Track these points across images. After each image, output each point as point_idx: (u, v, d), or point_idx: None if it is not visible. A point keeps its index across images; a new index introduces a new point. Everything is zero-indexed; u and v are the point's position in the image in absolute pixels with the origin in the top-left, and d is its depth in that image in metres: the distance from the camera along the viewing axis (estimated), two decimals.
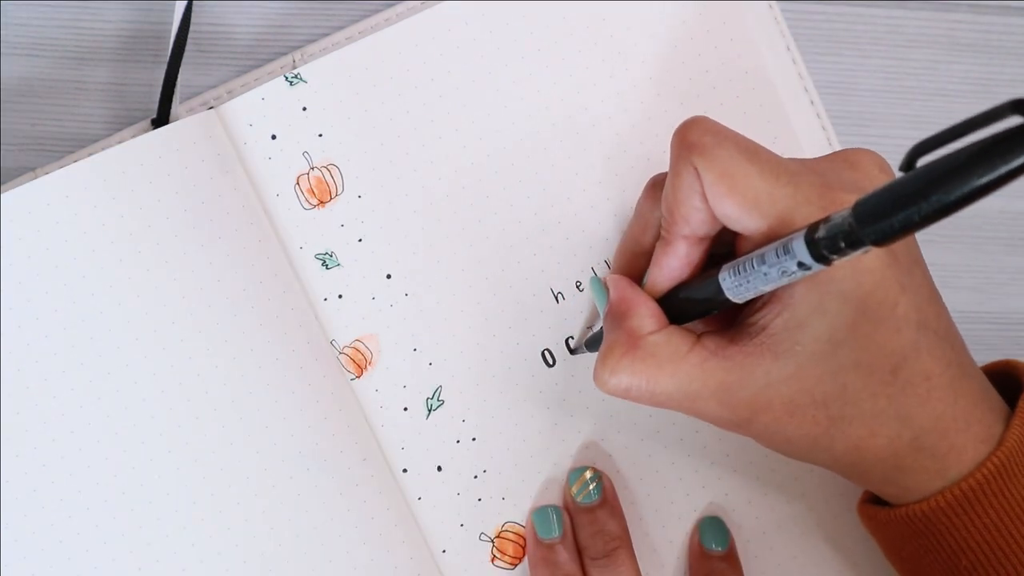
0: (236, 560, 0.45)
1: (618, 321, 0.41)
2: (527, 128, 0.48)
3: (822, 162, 0.40)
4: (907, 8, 0.52)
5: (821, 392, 0.38)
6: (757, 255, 0.37)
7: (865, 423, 0.39)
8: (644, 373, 0.40)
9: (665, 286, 0.41)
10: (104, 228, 0.45)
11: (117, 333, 0.45)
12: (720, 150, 0.39)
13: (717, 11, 0.49)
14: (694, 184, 0.39)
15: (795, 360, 0.38)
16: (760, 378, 0.39)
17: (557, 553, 0.46)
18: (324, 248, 0.47)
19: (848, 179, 0.39)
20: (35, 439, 0.44)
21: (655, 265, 0.42)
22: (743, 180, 0.38)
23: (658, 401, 0.40)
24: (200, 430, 0.45)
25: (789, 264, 0.35)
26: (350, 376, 0.47)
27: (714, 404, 0.39)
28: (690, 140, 0.39)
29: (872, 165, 0.40)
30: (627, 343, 0.40)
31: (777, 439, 0.40)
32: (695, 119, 0.40)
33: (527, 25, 0.48)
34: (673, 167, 0.40)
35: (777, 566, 0.48)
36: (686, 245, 0.41)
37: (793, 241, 0.35)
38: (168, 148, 0.46)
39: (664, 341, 0.40)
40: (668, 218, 0.40)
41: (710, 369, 0.39)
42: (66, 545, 0.44)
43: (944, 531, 0.40)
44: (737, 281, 0.38)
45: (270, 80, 0.47)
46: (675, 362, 0.40)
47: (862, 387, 0.38)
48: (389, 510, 0.46)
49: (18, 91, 0.49)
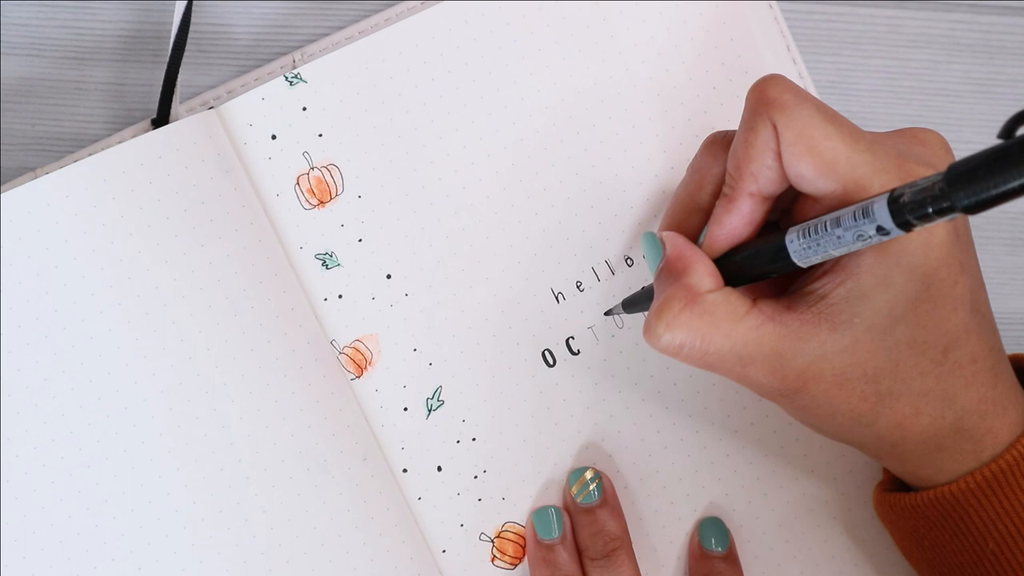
0: (236, 560, 0.45)
1: (675, 277, 0.40)
2: (528, 128, 0.48)
3: (892, 136, 0.40)
4: (907, 8, 0.52)
5: (873, 367, 0.38)
6: (831, 217, 0.36)
7: (912, 401, 0.39)
8: (700, 331, 0.39)
9: (725, 245, 0.41)
10: (104, 228, 0.45)
11: (117, 333, 0.45)
12: (801, 109, 0.38)
13: (717, 11, 0.49)
14: (770, 141, 0.38)
15: (852, 333, 0.38)
16: (815, 348, 0.38)
17: (557, 553, 0.46)
18: (324, 248, 0.47)
19: (919, 154, 0.39)
20: (35, 439, 0.44)
21: (715, 223, 0.41)
22: (823, 141, 0.38)
23: (709, 362, 0.40)
24: (200, 430, 0.45)
25: (867, 228, 0.35)
26: (350, 376, 0.47)
27: (765, 370, 0.39)
28: (770, 96, 0.39)
29: (938, 144, 0.40)
30: (686, 298, 0.39)
31: (822, 412, 0.40)
32: (774, 76, 0.39)
33: (527, 25, 0.48)
34: (748, 122, 0.39)
35: (777, 566, 0.48)
36: (751, 203, 0.40)
37: (875, 204, 0.34)
38: (168, 148, 0.46)
39: (723, 300, 0.39)
40: (735, 174, 0.40)
41: (766, 334, 0.39)
42: (66, 545, 0.44)
43: (972, 513, 0.40)
44: (806, 243, 0.37)
45: (270, 80, 0.47)
46: (732, 323, 0.39)
47: (913, 365, 0.38)
48: (389, 510, 0.46)
49: (18, 91, 0.49)
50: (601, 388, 0.48)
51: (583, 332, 0.48)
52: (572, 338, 0.48)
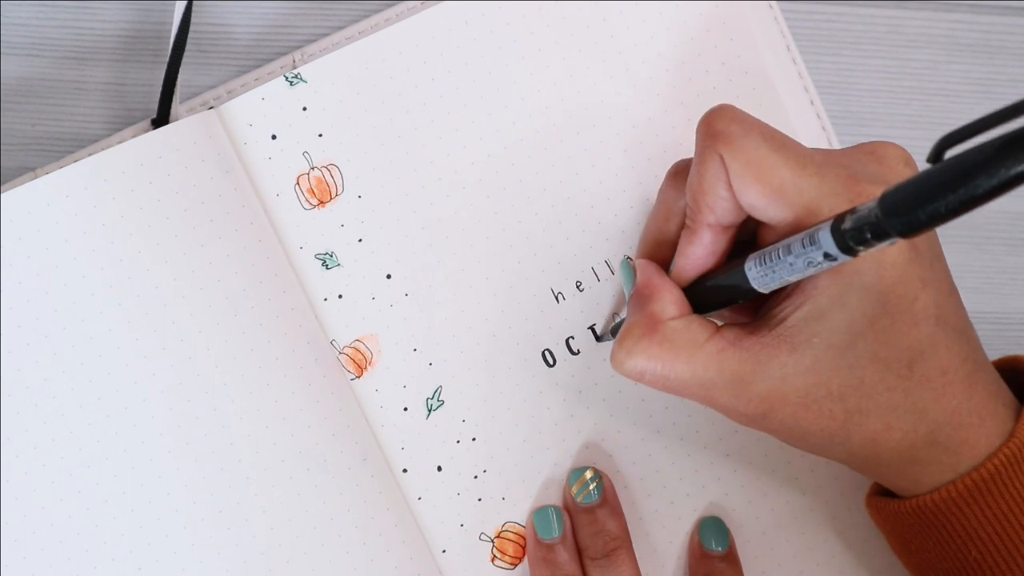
0: (236, 560, 0.45)
1: (641, 304, 0.41)
2: (528, 128, 0.48)
3: (847, 154, 0.40)
4: (907, 8, 0.52)
5: (838, 385, 0.38)
6: (783, 245, 0.37)
7: (881, 416, 0.39)
8: (660, 358, 0.40)
9: (691, 274, 0.41)
10: (104, 228, 0.45)
11: (117, 333, 0.45)
12: (747, 139, 0.38)
13: (717, 11, 0.49)
14: (719, 173, 0.39)
15: (812, 353, 0.38)
16: (776, 370, 0.39)
17: (557, 553, 0.46)
18: (324, 248, 0.47)
19: (873, 171, 0.39)
20: (35, 439, 0.44)
21: (680, 254, 0.41)
22: (769, 170, 0.38)
23: (672, 388, 0.40)
24: (200, 430, 0.45)
25: (815, 254, 0.35)
26: (350, 376, 0.47)
27: (728, 395, 0.39)
28: (716, 128, 0.39)
29: (897, 159, 0.40)
30: (646, 326, 0.40)
31: (794, 433, 0.40)
32: (721, 107, 0.40)
33: (527, 25, 0.48)
34: (698, 155, 0.40)
35: (777, 566, 0.48)
36: (711, 233, 0.40)
37: (819, 232, 0.35)
38: (168, 148, 0.46)
39: (683, 328, 0.40)
40: (693, 206, 0.40)
41: (726, 359, 0.39)
42: (66, 545, 0.44)
43: (954, 522, 0.40)
44: (763, 271, 0.38)
45: (270, 80, 0.47)
46: (691, 349, 0.39)
47: (879, 380, 0.38)
48: (389, 510, 0.46)
49: (18, 91, 0.49)
50: (601, 388, 0.48)
51: (583, 332, 0.48)
52: (572, 338, 0.48)
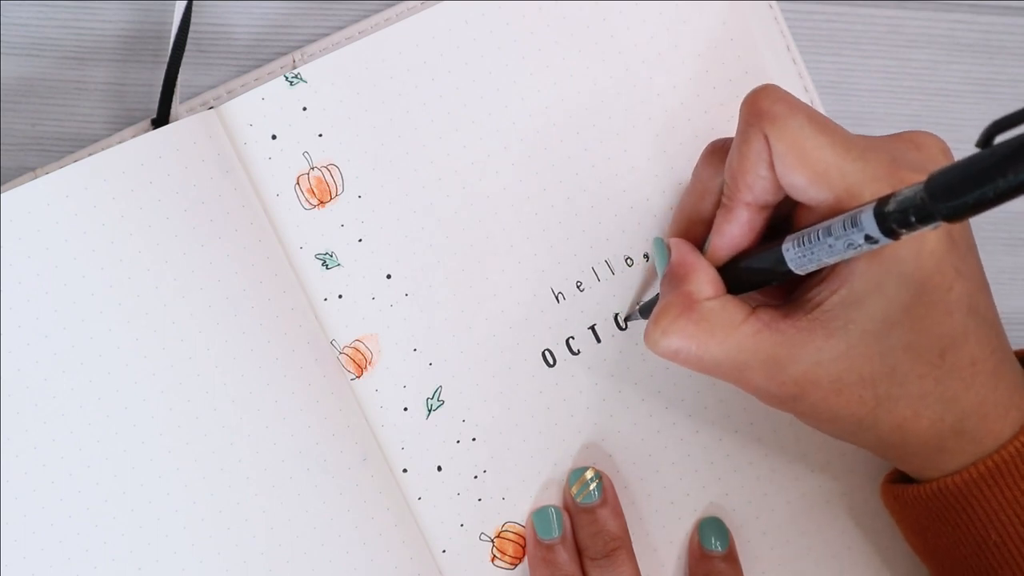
0: (236, 560, 0.45)
1: (676, 284, 0.41)
2: (527, 128, 0.48)
3: (887, 140, 0.40)
4: (907, 8, 0.52)
5: (869, 371, 0.39)
6: (823, 227, 0.37)
7: (911, 404, 0.39)
8: (696, 338, 0.40)
9: (726, 253, 0.41)
10: (104, 228, 0.45)
11: (117, 333, 0.45)
12: (792, 120, 0.38)
13: (717, 11, 0.49)
14: (762, 152, 0.39)
15: (847, 339, 0.38)
16: (811, 355, 0.39)
17: (557, 553, 0.46)
18: (324, 248, 0.47)
19: (914, 159, 0.39)
20: (35, 439, 0.44)
21: (716, 232, 0.41)
22: (814, 152, 0.38)
23: (705, 367, 0.40)
24: (200, 430, 0.45)
25: (856, 237, 0.35)
26: (350, 376, 0.47)
27: (762, 377, 0.40)
28: (761, 108, 0.39)
29: (936, 148, 0.40)
30: (682, 305, 0.40)
31: (823, 417, 0.40)
32: (766, 87, 0.40)
33: (527, 25, 0.48)
34: (741, 134, 0.40)
35: (777, 566, 0.48)
36: (748, 213, 0.40)
37: (862, 214, 0.35)
38: (168, 148, 0.46)
39: (719, 308, 0.40)
40: (731, 185, 0.40)
41: (761, 341, 0.39)
42: (66, 545, 0.44)
43: (974, 504, 0.40)
44: (800, 252, 0.38)
45: (270, 80, 0.47)
46: (727, 330, 0.40)
47: (910, 368, 0.39)
48: (389, 510, 0.46)
49: (18, 91, 0.49)
50: (601, 388, 0.48)
51: (583, 332, 0.48)
52: (572, 338, 0.48)
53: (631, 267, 0.48)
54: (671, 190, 0.49)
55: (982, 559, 0.41)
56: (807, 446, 0.48)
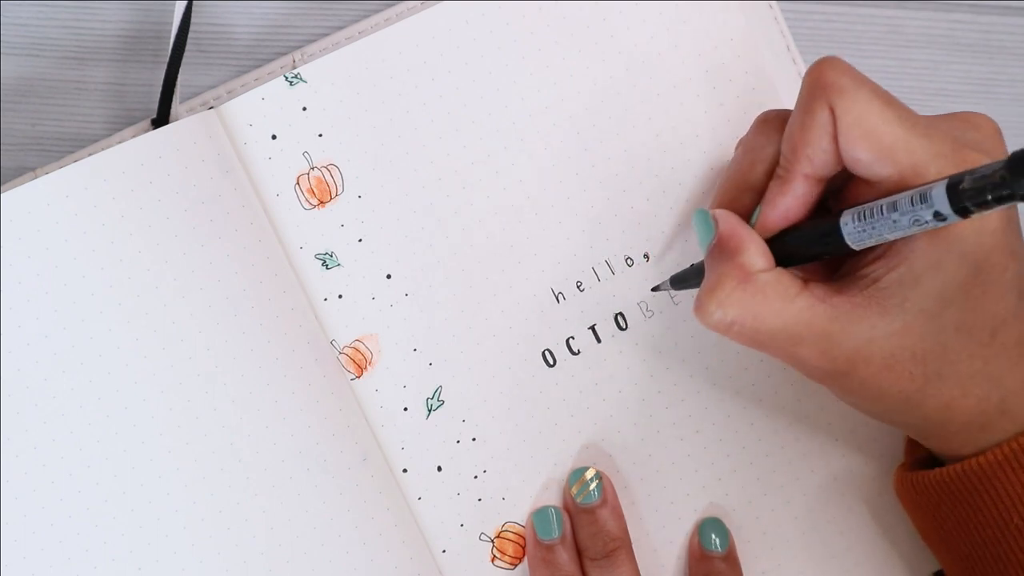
0: (236, 560, 0.45)
1: (728, 255, 0.40)
2: (527, 128, 0.48)
3: (945, 120, 0.40)
4: (907, 8, 0.52)
5: (922, 349, 0.39)
6: (887, 202, 0.37)
7: (959, 382, 0.39)
8: (752, 310, 0.39)
9: (777, 225, 0.41)
10: (104, 228, 0.45)
11: (117, 333, 0.45)
12: (859, 93, 0.38)
13: (717, 11, 0.49)
14: (827, 124, 0.39)
15: (902, 316, 0.38)
16: (865, 331, 0.39)
17: (557, 554, 0.46)
18: (324, 248, 0.47)
19: (973, 139, 0.39)
20: (35, 439, 0.44)
21: (769, 203, 0.41)
22: (881, 126, 0.38)
23: (759, 340, 0.40)
24: (200, 430, 0.45)
25: (924, 213, 0.35)
26: (350, 376, 0.47)
27: (814, 352, 0.39)
28: (828, 80, 0.39)
29: (991, 129, 0.40)
30: (739, 277, 0.40)
31: (870, 395, 0.40)
32: (831, 59, 0.40)
33: (527, 25, 0.48)
34: (805, 105, 0.39)
35: (777, 566, 0.48)
36: (805, 185, 0.40)
37: (932, 190, 0.35)
38: (168, 148, 0.46)
39: (775, 280, 0.40)
40: (790, 155, 0.40)
41: (817, 315, 0.39)
42: (66, 545, 0.44)
43: (999, 486, 0.40)
44: (861, 227, 0.38)
45: (270, 80, 0.47)
46: (784, 302, 0.39)
47: (962, 347, 0.39)
48: (389, 510, 0.46)
49: (18, 91, 0.49)
50: (601, 388, 0.48)
51: (583, 332, 0.48)
52: (572, 338, 0.48)
53: (631, 267, 0.48)
54: (671, 190, 0.49)
55: (1002, 544, 0.41)
56: (808, 446, 0.48)
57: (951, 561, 0.44)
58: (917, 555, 0.48)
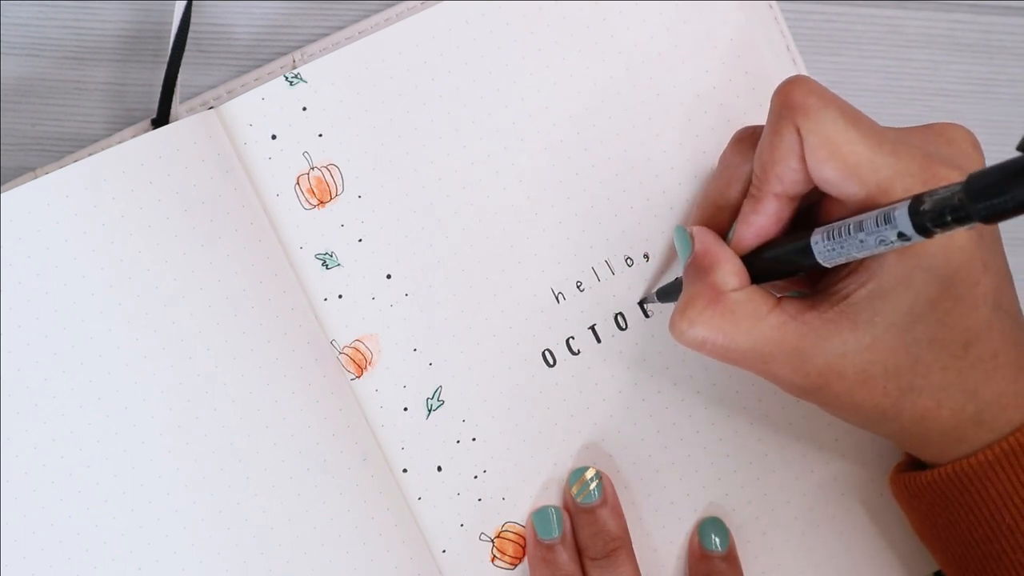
0: (236, 560, 0.45)
1: (701, 274, 0.41)
2: (527, 128, 0.48)
3: (917, 133, 0.40)
4: (907, 8, 0.52)
5: (894, 364, 0.39)
6: (855, 222, 0.37)
7: (933, 395, 0.39)
8: (722, 329, 0.40)
9: (751, 243, 0.41)
10: (104, 228, 0.45)
11: (117, 333, 0.45)
12: (824, 113, 0.38)
13: (717, 11, 0.49)
14: (794, 145, 0.39)
15: (872, 331, 0.39)
16: (836, 346, 0.39)
17: (557, 553, 0.46)
18: (324, 248, 0.47)
19: (945, 153, 0.39)
20: (35, 439, 0.44)
21: (742, 222, 0.41)
22: (846, 146, 0.38)
23: (731, 358, 0.40)
24: (200, 430, 0.45)
25: (888, 234, 0.35)
26: (350, 376, 0.47)
27: (787, 369, 0.40)
28: (794, 100, 0.39)
29: (965, 142, 0.41)
30: (709, 296, 0.40)
31: (846, 408, 0.41)
32: (798, 78, 0.40)
33: (527, 25, 0.48)
34: (773, 125, 0.40)
35: (777, 566, 0.48)
36: (777, 203, 0.40)
37: (896, 211, 0.35)
38: (168, 148, 0.46)
39: (746, 299, 0.40)
40: (761, 175, 0.40)
41: (787, 333, 0.39)
42: (66, 545, 0.44)
43: (989, 486, 0.40)
44: (830, 246, 0.38)
45: (270, 80, 0.47)
46: (754, 321, 0.40)
47: (934, 360, 0.39)
48: (389, 510, 0.46)
49: (18, 91, 0.49)
50: (601, 388, 0.48)
51: (583, 332, 0.48)
52: (572, 338, 0.48)
53: (631, 267, 0.49)
54: (672, 190, 0.49)
55: (994, 543, 0.41)
56: (807, 446, 0.48)
57: (947, 561, 0.44)
58: (916, 555, 0.48)
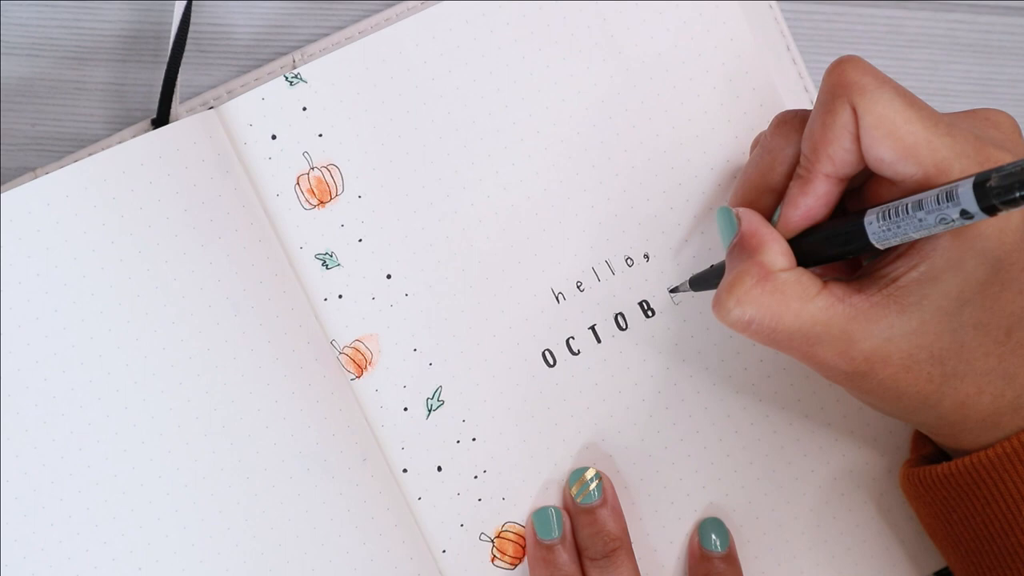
0: (236, 560, 0.45)
1: (749, 253, 0.41)
2: (527, 128, 0.48)
3: (966, 118, 0.40)
4: (907, 8, 0.52)
5: (939, 348, 0.39)
6: (913, 200, 0.37)
7: (975, 380, 0.39)
8: (770, 308, 0.39)
9: (799, 225, 0.41)
10: (104, 228, 0.45)
11: (117, 333, 0.45)
12: (881, 92, 0.38)
13: (717, 11, 0.49)
14: (849, 124, 0.39)
15: (920, 315, 0.38)
16: (883, 330, 0.39)
17: (557, 554, 0.46)
18: (324, 248, 0.47)
19: (994, 136, 0.39)
20: (35, 439, 0.44)
21: (789, 204, 0.41)
22: (904, 125, 0.38)
23: (777, 340, 0.40)
24: (200, 430, 0.45)
25: (950, 211, 0.35)
26: (350, 376, 0.47)
27: (832, 352, 0.39)
28: (849, 79, 0.39)
29: (1011, 126, 0.40)
30: (759, 276, 0.40)
31: (888, 395, 0.40)
32: (851, 58, 0.39)
33: (528, 25, 0.48)
34: (826, 104, 0.39)
35: (777, 566, 0.48)
36: (827, 185, 0.40)
37: (959, 188, 0.35)
38: (168, 148, 0.46)
39: (795, 280, 0.39)
40: (811, 155, 0.40)
41: (835, 315, 0.39)
42: (66, 545, 0.44)
43: (1008, 478, 0.40)
44: (886, 226, 0.37)
45: (270, 80, 0.47)
46: (802, 302, 0.39)
47: (977, 346, 0.39)
48: (389, 510, 0.46)
49: (18, 91, 0.49)
50: (601, 388, 0.48)
51: (583, 332, 0.48)
52: (572, 338, 0.48)
53: (631, 267, 0.48)
54: (672, 190, 0.49)
55: (1009, 537, 0.41)
56: (808, 446, 0.48)
57: (957, 557, 0.44)
58: (916, 555, 0.48)
